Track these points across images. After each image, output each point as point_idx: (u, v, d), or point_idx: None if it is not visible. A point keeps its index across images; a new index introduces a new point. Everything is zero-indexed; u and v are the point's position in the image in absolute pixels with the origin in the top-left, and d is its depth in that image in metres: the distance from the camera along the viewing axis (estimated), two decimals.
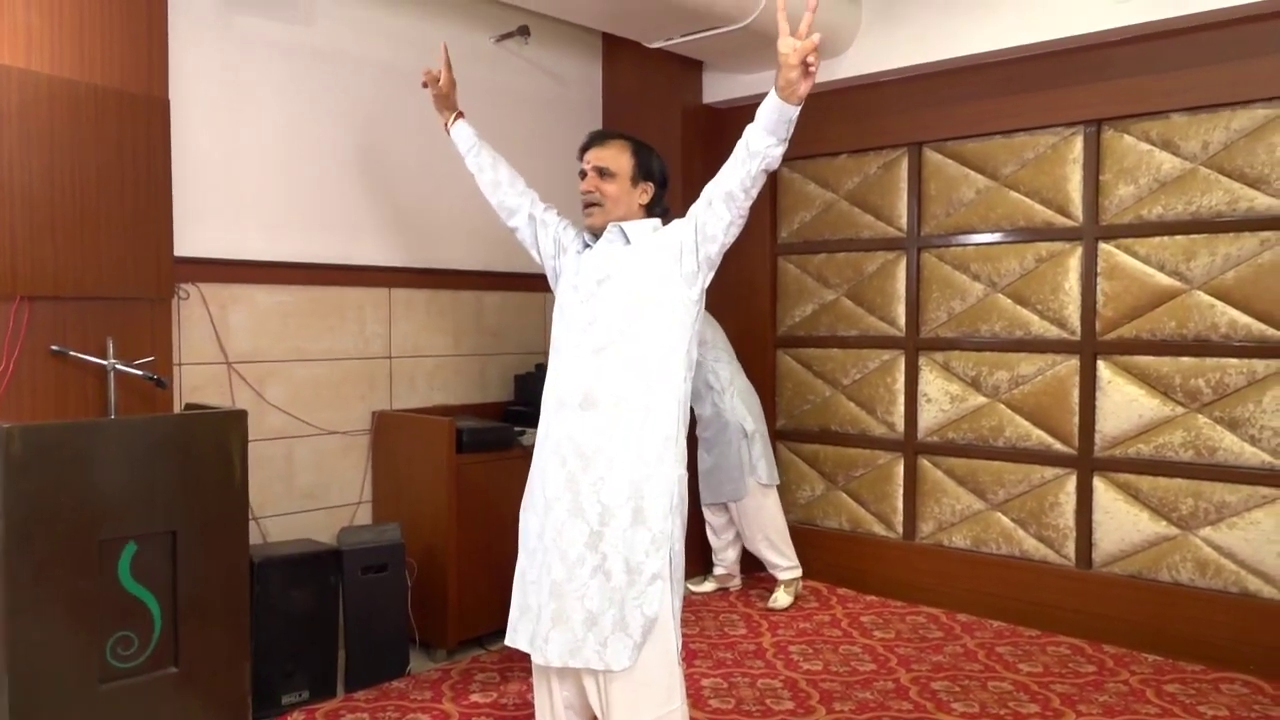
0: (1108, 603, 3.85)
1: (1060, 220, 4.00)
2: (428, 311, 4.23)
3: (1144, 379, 3.81)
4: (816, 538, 4.72)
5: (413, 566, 3.60)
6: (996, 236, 4.18)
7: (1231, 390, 3.62)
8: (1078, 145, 3.95)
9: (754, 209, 2.31)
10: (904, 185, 4.45)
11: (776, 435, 4.89)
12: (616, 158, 2.45)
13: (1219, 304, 3.64)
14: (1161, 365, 3.76)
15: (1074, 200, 3.97)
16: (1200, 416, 3.68)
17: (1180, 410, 3.73)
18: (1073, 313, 3.98)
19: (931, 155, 4.37)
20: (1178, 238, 3.72)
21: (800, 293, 4.84)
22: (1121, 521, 3.86)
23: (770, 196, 4.82)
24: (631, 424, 2.29)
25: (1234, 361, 3.61)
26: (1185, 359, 3.71)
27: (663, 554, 2.27)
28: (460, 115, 2.89)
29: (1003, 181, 4.16)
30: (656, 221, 2.47)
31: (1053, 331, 4.03)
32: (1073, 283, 3.98)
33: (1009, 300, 4.15)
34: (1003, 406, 4.18)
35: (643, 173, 2.46)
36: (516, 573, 2.46)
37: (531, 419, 3.97)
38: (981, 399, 4.24)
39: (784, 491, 4.85)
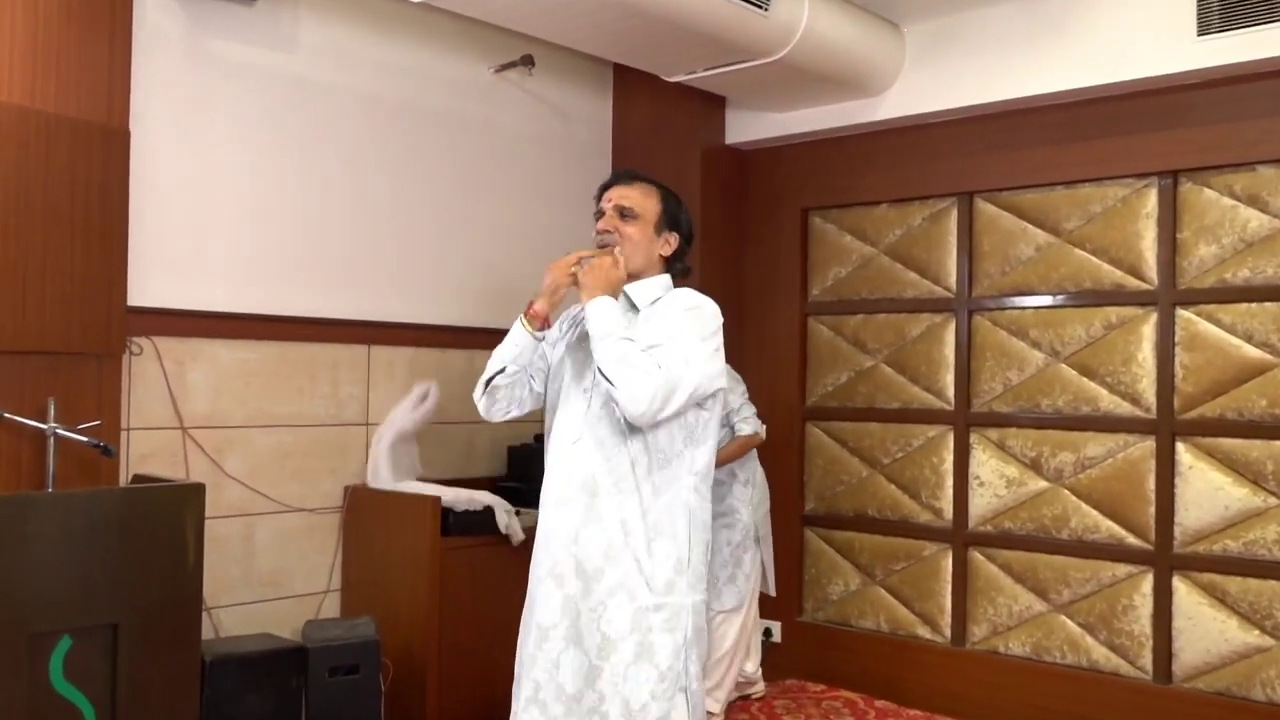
0: None
1: (1132, 282, 3.98)
2: (411, 372, 4.18)
3: (1230, 464, 3.75)
4: (850, 640, 4.61)
5: (388, 668, 3.53)
6: (1059, 299, 4.15)
7: None
8: (1151, 199, 3.94)
9: (781, 263, 2.26)
10: (953, 239, 4.44)
11: (804, 520, 4.82)
12: (643, 200, 2.40)
13: None
14: (1250, 449, 3.71)
15: (1147, 260, 3.95)
16: None
17: (1273, 501, 3.66)
18: (1147, 387, 3.93)
19: (984, 207, 4.37)
20: (1267, 305, 3.70)
21: (833, 358, 4.80)
22: (1206, 629, 3.77)
23: (801, 249, 4.78)
24: (637, 545, 2.21)
25: None
26: (1278, 443, 3.65)
27: (671, 697, 2.17)
28: (547, 323, 2.43)
29: (1066, 238, 4.15)
30: (667, 279, 2.42)
31: (1124, 408, 3.99)
32: (1147, 353, 3.94)
33: (1073, 371, 4.11)
34: (1067, 493, 4.11)
35: (669, 222, 2.42)
36: (514, 695, 2.35)
37: (526, 497, 3.95)
38: (1043, 483, 4.18)
39: (813, 586, 4.78)
